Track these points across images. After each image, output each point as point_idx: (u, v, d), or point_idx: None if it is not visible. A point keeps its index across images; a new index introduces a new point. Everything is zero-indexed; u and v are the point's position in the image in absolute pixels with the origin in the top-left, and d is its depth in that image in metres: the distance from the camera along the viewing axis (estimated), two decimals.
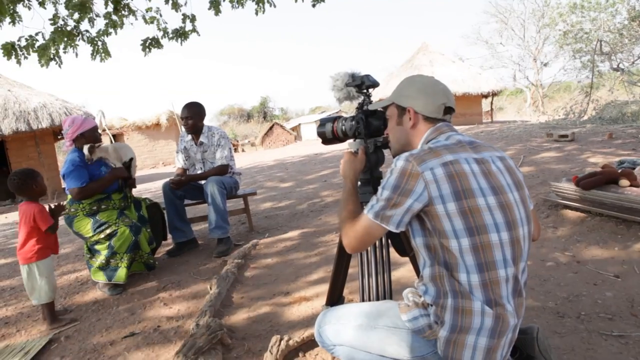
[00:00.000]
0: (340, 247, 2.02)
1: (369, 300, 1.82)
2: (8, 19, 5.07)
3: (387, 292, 1.81)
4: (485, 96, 21.41)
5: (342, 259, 2.05)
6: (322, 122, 1.96)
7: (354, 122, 1.82)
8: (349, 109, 28.23)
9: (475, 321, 1.24)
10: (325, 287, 2.75)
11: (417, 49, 22.92)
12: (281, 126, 27.55)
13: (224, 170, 4.09)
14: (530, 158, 6.32)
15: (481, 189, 1.29)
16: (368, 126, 1.79)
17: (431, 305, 1.32)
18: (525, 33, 28.65)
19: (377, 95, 1.68)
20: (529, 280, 2.50)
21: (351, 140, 1.88)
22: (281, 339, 2.02)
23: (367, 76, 1.80)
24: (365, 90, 1.81)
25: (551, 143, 7.52)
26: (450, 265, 1.29)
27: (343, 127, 1.87)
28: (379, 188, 1.36)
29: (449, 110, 1.48)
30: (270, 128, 27.02)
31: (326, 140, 1.97)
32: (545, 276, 2.65)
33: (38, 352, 2.46)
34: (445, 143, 1.38)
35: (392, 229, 1.32)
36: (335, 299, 2.16)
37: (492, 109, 23.76)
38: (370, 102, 1.82)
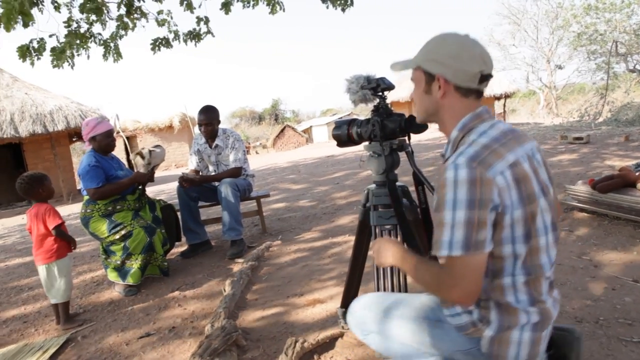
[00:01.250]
0: (356, 248, 2.03)
1: None
2: (21, 22, 5.16)
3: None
4: (498, 98, 21.24)
5: (358, 260, 2.05)
6: (338, 125, 1.96)
7: (369, 125, 1.82)
8: (360, 111, 28.19)
9: (521, 318, 1.21)
10: (338, 289, 2.75)
11: None
12: (293, 128, 27.61)
13: (237, 172, 4.11)
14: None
15: (536, 191, 1.20)
16: (383, 129, 1.79)
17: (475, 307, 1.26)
18: (539, 35, 28.37)
19: (392, 97, 1.68)
20: None
21: (366, 143, 1.89)
22: (296, 341, 2.03)
23: (383, 79, 1.80)
24: (380, 93, 1.81)
25: (565, 145, 7.44)
26: (495, 271, 1.21)
27: (358, 130, 1.87)
28: (439, 212, 1.15)
29: (485, 77, 1.26)
30: (282, 130, 27.09)
31: (341, 143, 1.97)
32: (561, 280, 2.62)
33: (56, 351, 2.50)
34: (494, 135, 1.22)
35: (487, 251, 1.14)
36: (350, 300, 2.16)
37: (504, 111, 23.55)
38: (386, 105, 1.82)
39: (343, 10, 6.52)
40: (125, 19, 6.12)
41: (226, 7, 6.33)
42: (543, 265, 1.22)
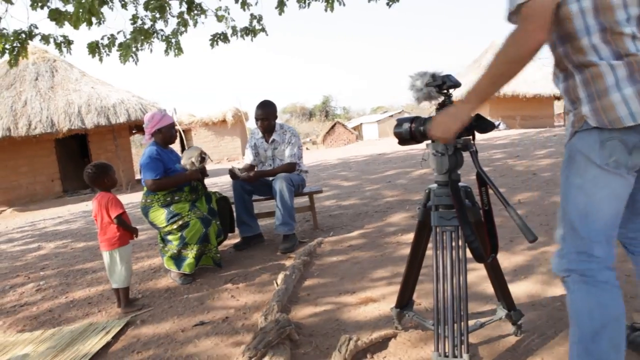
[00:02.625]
0: (414, 248, 1.99)
1: (444, 303, 1.76)
2: (94, 20, 5.45)
3: (463, 296, 1.74)
4: (558, 98, 20.28)
5: (415, 261, 2.02)
6: (399, 122, 1.92)
7: None
8: (412, 109, 27.70)
9: (608, 79, 1.24)
10: (391, 289, 2.72)
11: (485, 49, 22.15)
12: (343, 125, 27.60)
13: (292, 167, 4.15)
14: None
15: None
16: None
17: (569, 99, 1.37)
18: None
19: (457, 96, 1.61)
20: None
21: (429, 141, 1.84)
22: (350, 339, 2.01)
23: (449, 76, 1.74)
24: (445, 91, 1.75)
25: None
26: (570, 35, 1.28)
27: (421, 128, 1.83)
28: None
29: None
30: (332, 127, 27.15)
31: (402, 141, 1.93)
32: (632, 293, 2.46)
33: (117, 333, 2.62)
34: None
35: None
36: (405, 300, 2.13)
37: (565, 112, 22.51)
38: (451, 103, 1.76)
39: (388, 5, 6.58)
40: (186, 16, 6.35)
41: (280, 6, 6.45)
42: (619, 22, 1.24)
